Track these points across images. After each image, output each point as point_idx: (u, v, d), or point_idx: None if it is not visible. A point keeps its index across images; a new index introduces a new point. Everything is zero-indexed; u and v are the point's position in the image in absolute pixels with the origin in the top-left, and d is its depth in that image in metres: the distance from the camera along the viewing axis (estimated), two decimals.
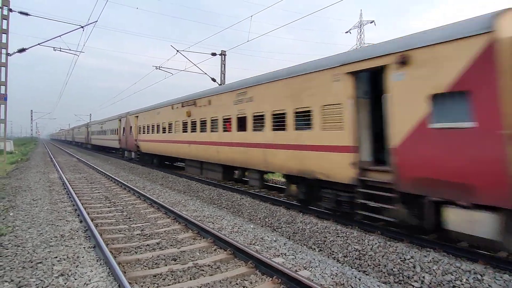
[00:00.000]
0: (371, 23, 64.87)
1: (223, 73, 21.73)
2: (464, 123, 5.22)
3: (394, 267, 5.38)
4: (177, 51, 19.41)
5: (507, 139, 4.74)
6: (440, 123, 5.52)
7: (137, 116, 22.89)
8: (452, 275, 4.89)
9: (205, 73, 21.39)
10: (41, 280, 4.44)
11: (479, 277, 4.75)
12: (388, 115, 6.38)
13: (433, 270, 5.09)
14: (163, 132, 18.23)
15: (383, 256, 5.75)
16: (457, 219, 5.30)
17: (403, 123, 6.06)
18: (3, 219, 7.72)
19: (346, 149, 7.19)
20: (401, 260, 5.50)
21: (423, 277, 5.00)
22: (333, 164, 7.52)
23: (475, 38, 5.06)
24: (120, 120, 26.98)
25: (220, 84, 20.57)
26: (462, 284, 4.69)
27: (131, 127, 24.26)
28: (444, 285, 4.77)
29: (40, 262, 5.06)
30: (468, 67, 5.14)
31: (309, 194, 8.65)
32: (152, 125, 20.02)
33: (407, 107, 6.00)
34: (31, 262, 5.06)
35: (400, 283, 5.04)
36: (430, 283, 4.86)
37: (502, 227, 4.85)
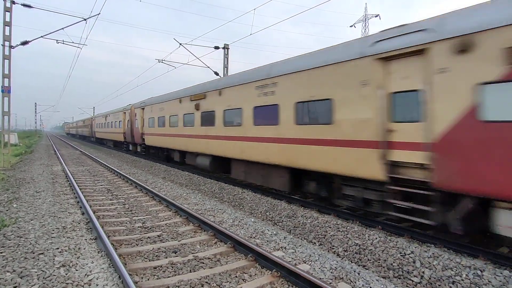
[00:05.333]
0: (375, 17, 63.89)
1: (226, 66, 21.64)
2: None
3: (394, 262, 5.38)
4: (180, 44, 19.32)
5: None
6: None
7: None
8: (452, 270, 4.89)
9: (208, 67, 21.32)
10: (43, 271, 4.47)
11: (479, 272, 4.74)
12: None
13: (433, 265, 5.09)
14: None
15: (383, 250, 5.75)
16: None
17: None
18: (7, 210, 7.79)
19: None
20: (401, 255, 5.49)
21: (423, 272, 4.99)
22: None
23: None
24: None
25: None
26: (462, 280, 4.68)
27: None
28: (443, 280, 4.76)
29: (42, 253, 5.10)
30: None
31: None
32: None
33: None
34: (33, 253, 5.10)
35: (399, 278, 5.04)
36: (430, 278, 4.85)
37: None
